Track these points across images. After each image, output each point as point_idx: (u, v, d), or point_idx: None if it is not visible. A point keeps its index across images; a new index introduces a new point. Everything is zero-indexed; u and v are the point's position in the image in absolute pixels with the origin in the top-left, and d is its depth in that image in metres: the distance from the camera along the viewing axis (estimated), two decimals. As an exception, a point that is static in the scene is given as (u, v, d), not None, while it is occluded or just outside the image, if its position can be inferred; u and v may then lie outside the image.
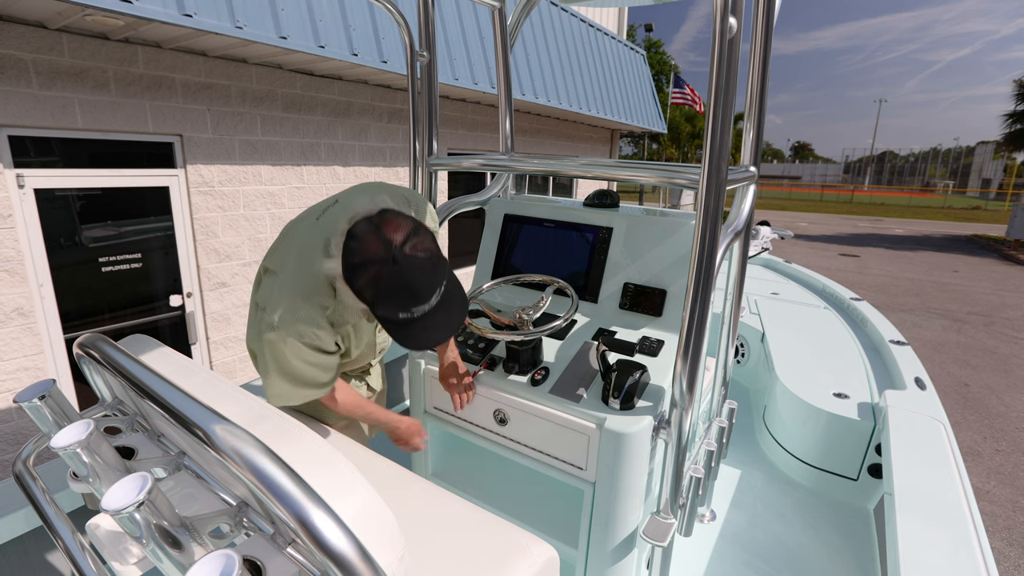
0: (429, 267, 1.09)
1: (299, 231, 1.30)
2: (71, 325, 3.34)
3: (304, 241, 1.26)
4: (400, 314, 1.08)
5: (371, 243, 1.06)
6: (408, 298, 1.07)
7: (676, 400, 1.16)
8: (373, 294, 1.07)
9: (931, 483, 1.35)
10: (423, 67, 1.68)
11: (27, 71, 2.94)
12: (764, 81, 1.32)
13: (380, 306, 1.08)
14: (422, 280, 1.07)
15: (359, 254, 1.07)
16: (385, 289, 1.06)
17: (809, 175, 67.71)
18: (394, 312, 1.08)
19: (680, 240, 1.48)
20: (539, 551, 1.04)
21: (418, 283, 1.07)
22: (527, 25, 6.02)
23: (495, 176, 2.00)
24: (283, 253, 1.27)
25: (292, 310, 1.19)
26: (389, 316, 1.09)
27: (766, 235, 3.31)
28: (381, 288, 1.06)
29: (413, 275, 1.06)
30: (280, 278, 1.23)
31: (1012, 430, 4.57)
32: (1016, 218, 14.74)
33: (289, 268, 1.23)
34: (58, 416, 0.87)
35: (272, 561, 0.63)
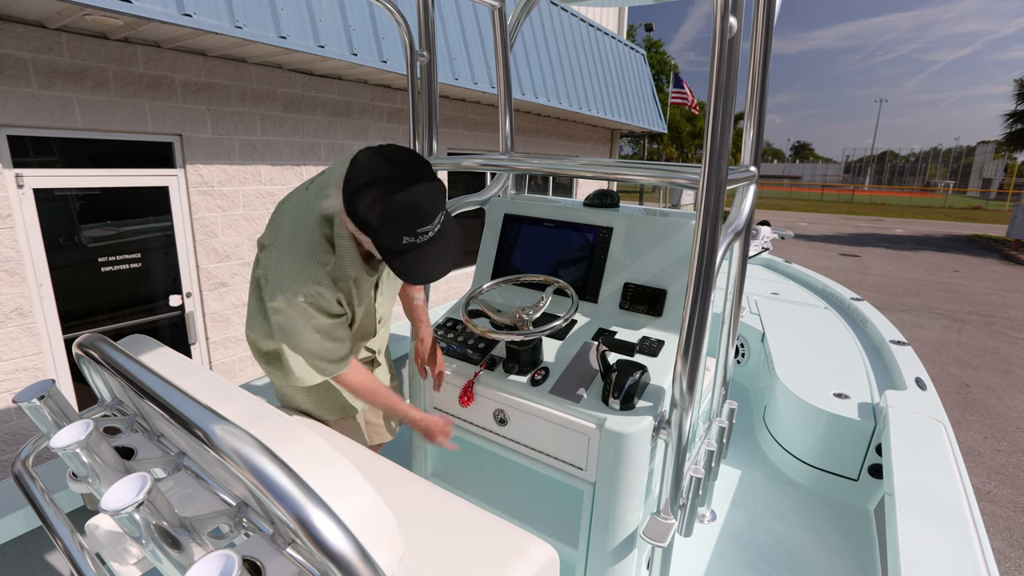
0: (433, 187, 1.09)
1: (290, 204, 1.31)
2: (70, 325, 3.34)
3: (295, 210, 1.27)
4: (404, 238, 1.07)
5: (376, 163, 1.07)
6: (413, 219, 1.06)
7: (676, 400, 1.16)
8: (378, 216, 1.06)
9: (931, 483, 1.35)
10: (423, 67, 1.68)
11: (26, 71, 2.94)
12: (764, 81, 1.32)
13: (385, 230, 1.07)
14: (427, 198, 1.07)
15: (364, 175, 1.06)
16: (391, 209, 1.05)
17: (809, 175, 67.72)
18: (398, 236, 1.07)
19: (680, 240, 1.48)
20: (539, 551, 1.04)
21: (423, 201, 1.06)
22: (527, 25, 6.02)
23: (495, 176, 2.00)
24: (275, 226, 1.28)
25: (293, 272, 1.19)
26: (393, 243, 1.08)
27: (766, 235, 3.31)
28: (387, 208, 1.05)
29: (419, 193, 1.06)
30: (276, 247, 1.23)
31: (1013, 430, 4.57)
32: (1016, 218, 14.74)
33: (284, 235, 1.24)
34: (57, 416, 0.87)
35: (272, 561, 0.63)
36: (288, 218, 1.27)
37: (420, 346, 1.58)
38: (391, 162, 1.08)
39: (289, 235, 1.23)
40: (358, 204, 1.08)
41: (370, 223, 1.08)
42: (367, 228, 1.09)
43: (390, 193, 1.05)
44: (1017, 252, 13.99)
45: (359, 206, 1.07)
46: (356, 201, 1.08)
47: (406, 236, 1.07)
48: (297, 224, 1.24)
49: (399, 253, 1.10)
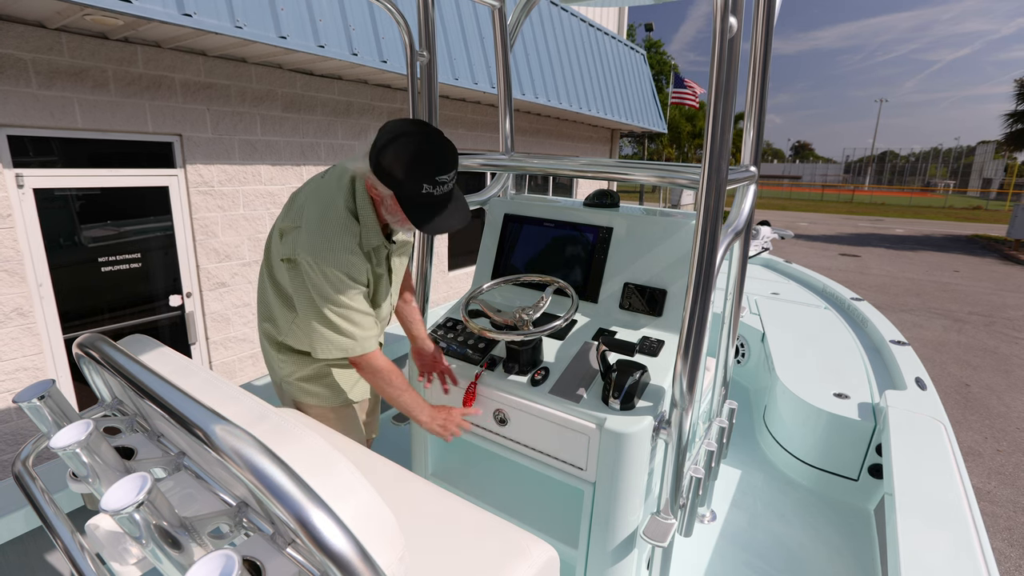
0: (449, 144, 1.27)
1: (308, 189, 1.40)
2: (70, 325, 3.34)
3: (317, 193, 1.36)
4: (424, 186, 1.22)
5: (401, 125, 1.25)
6: (433, 167, 1.22)
7: (676, 400, 1.16)
8: (402, 166, 1.21)
9: (932, 483, 1.35)
10: (423, 67, 1.68)
11: (26, 71, 2.94)
12: (764, 81, 1.32)
13: (408, 179, 1.21)
14: (446, 152, 1.25)
15: (390, 133, 1.23)
16: (413, 157, 1.21)
17: (809, 175, 67.71)
18: (419, 185, 1.22)
19: (680, 240, 1.48)
20: (539, 551, 1.04)
21: (443, 153, 1.24)
22: (527, 25, 6.02)
23: (495, 176, 2.00)
24: (298, 210, 1.36)
25: (327, 245, 1.29)
26: (414, 192, 1.23)
27: (766, 235, 3.31)
28: (411, 156, 1.21)
29: (439, 145, 1.24)
30: (305, 227, 1.32)
31: (1013, 430, 4.57)
32: (1017, 218, 14.74)
33: (312, 215, 1.32)
34: (57, 416, 0.87)
35: (272, 561, 0.63)
36: (312, 201, 1.35)
37: (423, 348, 1.58)
38: (414, 124, 1.26)
39: (318, 214, 1.32)
40: (384, 157, 1.22)
41: (395, 174, 1.22)
42: (391, 180, 1.23)
43: (413, 143, 1.22)
44: (1017, 252, 13.99)
45: (385, 159, 1.22)
46: (383, 155, 1.22)
47: (426, 184, 1.22)
48: (323, 203, 1.34)
49: (419, 203, 1.24)
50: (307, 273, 1.30)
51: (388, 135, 1.23)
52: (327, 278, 1.29)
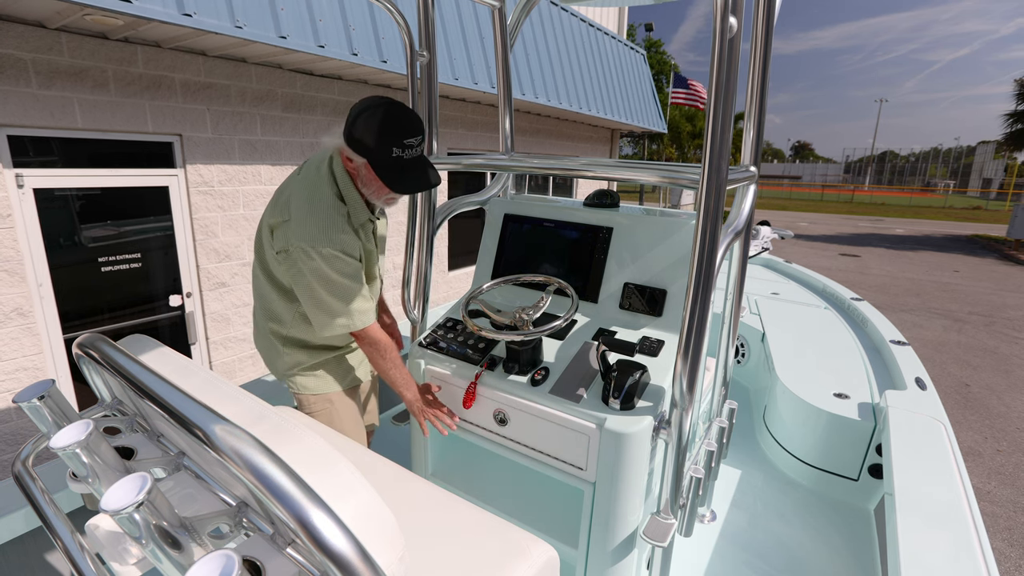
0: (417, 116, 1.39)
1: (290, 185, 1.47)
2: (70, 325, 3.34)
3: (300, 185, 1.44)
4: (394, 150, 1.33)
5: (369, 98, 1.36)
6: (400, 129, 1.33)
7: (676, 400, 1.16)
8: (373, 133, 1.32)
9: (932, 483, 1.35)
10: (423, 67, 1.68)
11: (26, 70, 2.94)
12: (764, 81, 1.32)
13: (378, 144, 1.32)
14: (411, 117, 1.36)
15: (359, 106, 1.34)
16: (382, 123, 1.32)
17: (809, 175, 67.69)
18: (389, 148, 1.32)
19: (680, 240, 1.48)
20: (539, 551, 1.04)
21: (408, 118, 1.35)
22: (527, 25, 6.02)
23: (495, 176, 1.99)
24: (284, 204, 1.43)
25: (319, 228, 1.36)
26: (385, 155, 1.33)
27: (766, 235, 3.31)
28: (379, 123, 1.32)
29: (405, 112, 1.35)
30: (295, 217, 1.38)
31: (1013, 430, 4.57)
32: (1017, 218, 14.73)
33: (300, 205, 1.39)
34: (57, 416, 0.87)
35: (272, 561, 0.63)
36: (297, 192, 1.42)
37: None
38: (380, 97, 1.36)
39: (305, 202, 1.39)
40: (356, 129, 1.33)
41: (366, 141, 1.33)
42: (363, 148, 1.34)
43: (380, 112, 1.32)
44: (1017, 252, 13.99)
45: (356, 130, 1.33)
46: (354, 127, 1.33)
47: (395, 148, 1.33)
48: (308, 192, 1.41)
49: (390, 166, 1.35)
50: (303, 259, 1.36)
51: (357, 109, 1.35)
52: (324, 258, 1.35)
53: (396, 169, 1.36)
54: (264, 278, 1.52)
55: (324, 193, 1.40)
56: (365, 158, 1.35)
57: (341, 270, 1.38)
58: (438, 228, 1.80)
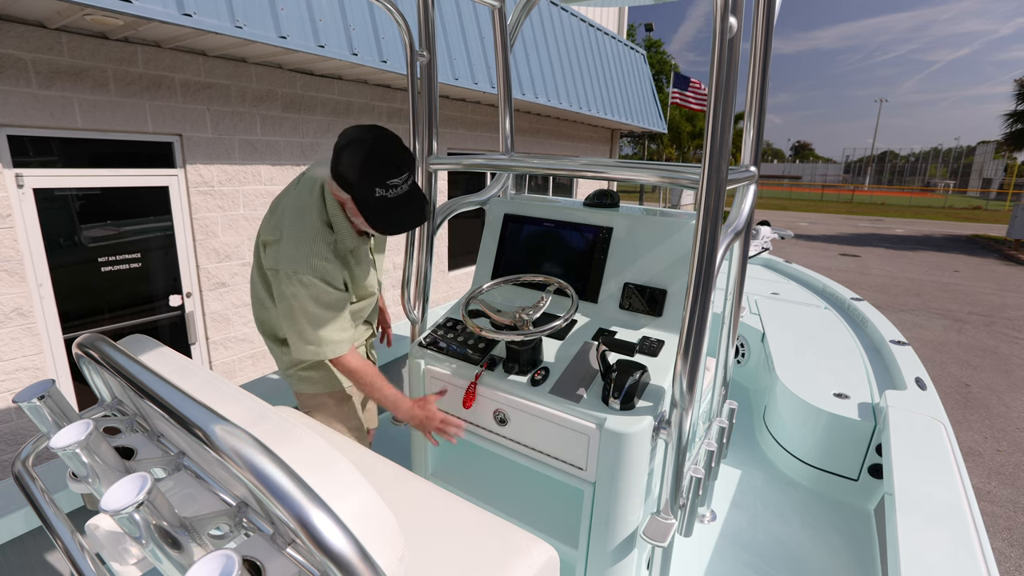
0: (403, 148, 1.35)
1: (286, 201, 1.46)
2: (70, 325, 3.34)
3: (293, 204, 1.43)
4: (376, 190, 1.30)
5: (354, 129, 1.33)
6: (383, 169, 1.30)
7: (676, 400, 1.16)
8: (355, 171, 1.29)
9: (932, 483, 1.35)
10: (423, 67, 1.67)
11: (26, 70, 2.94)
12: (764, 81, 1.32)
13: (359, 184, 1.29)
14: (396, 156, 1.32)
15: (344, 139, 1.32)
16: (364, 161, 1.28)
17: (809, 175, 67.70)
18: (372, 188, 1.30)
19: (680, 240, 1.48)
20: (539, 551, 1.04)
21: (392, 157, 1.31)
22: (527, 25, 6.02)
23: (495, 176, 1.99)
24: (277, 222, 1.43)
25: (303, 255, 1.37)
26: (367, 195, 1.31)
27: (766, 235, 3.31)
28: (362, 161, 1.28)
29: (389, 149, 1.32)
30: (284, 239, 1.39)
31: (1013, 430, 4.57)
32: (1016, 218, 14.73)
33: (288, 227, 1.40)
34: (57, 416, 0.87)
35: (272, 561, 0.63)
36: (289, 212, 1.42)
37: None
38: (367, 129, 1.33)
39: (294, 226, 1.39)
40: (339, 164, 1.30)
41: (349, 179, 1.30)
42: (347, 185, 1.31)
43: (364, 149, 1.30)
44: (1017, 252, 13.98)
45: (340, 165, 1.30)
46: (338, 162, 1.31)
47: (378, 188, 1.30)
48: (299, 215, 1.41)
49: (373, 206, 1.32)
50: (285, 283, 1.37)
51: (342, 142, 1.32)
52: (304, 285, 1.36)
53: (379, 209, 1.33)
54: (261, 283, 1.54)
55: (312, 219, 1.40)
56: (350, 195, 1.33)
57: (318, 298, 1.38)
58: (438, 228, 1.80)
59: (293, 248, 1.37)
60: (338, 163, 1.31)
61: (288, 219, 1.41)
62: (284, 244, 1.38)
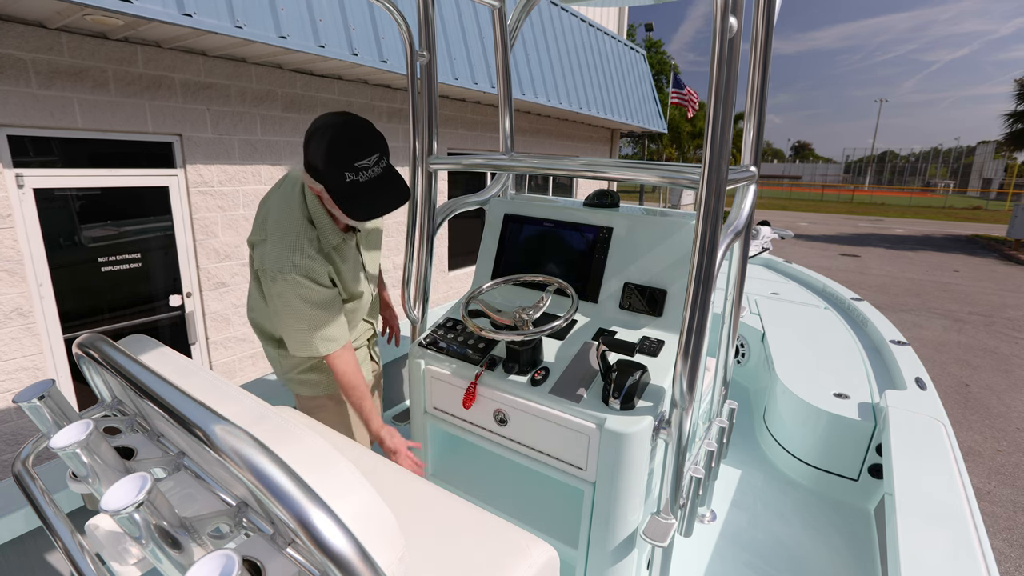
0: (372, 130, 1.30)
1: (271, 202, 1.47)
2: (70, 325, 3.34)
3: (277, 203, 1.44)
4: (347, 175, 1.26)
5: (322, 116, 1.29)
6: (351, 152, 1.25)
7: (676, 400, 1.16)
8: (324, 158, 1.25)
9: (932, 483, 1.35)
10: (423, 67, 1.67)
11: (26, 70, 2.94)
12: (764, 81, 1.32)
13: (329, 169, 1.25)
14: (365, 137, 1.28)
15: (312, 128, 1.28)
16: (329, 147, 1.25)
17: (809, 175, 67.71)
18: (341, 173, 1.25)
19: (680, 240, 1.48)
20: (539, 551, 1.04)
21: (361, 139, 1.27)
22: (527, 25, 6.02)
23: (495, 176, 1.99)
24: (262, 222, 1.44)
25: (286, 253, 1.35)
26: (338, 182, 1.26)
27: (766, 235, 3.31)
28: (327, 147, 1.25)
29: (357, 131, 1.27)
30: (268, 239, 1.39)
31: (1013, 430, 4.56)
32: (1017, 218, 14.73)
33: (272, 228, 1.40)
34: (57, 416, 0.87)
35: (272, 561, 0.63)
36: (273, 212, 1.43)
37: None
38: (334, 115, 1.29)
39: (275, 226, 1.39)
40: (308, 154, 1.29)
41: (318, 166, 1.27)
42: (318, 174, 1.28)
43: (329, 135, 1.26)
44: (1017, 252, 13.98)
45: (309, 155, 1.29)
46: (307, 152, 1.29)
47: (347, 173, 1.26)
48: (281, 214, 1.41)
49: (344, 192, 1.28)
50: (273, 283, 1.37)
51: (310, 131, 1.29)
52: (290, 283, 1.35)
53: (351, 195, 1.29)
54: (255, 285, 1.55)
55: (294, 216, 1.39)
56: (321, 184, 1.30)
57: (305, 296, 1.37)
58: (438, 228, 1.80)
59: (277, 246, 1.36)
60: (308, 153, 1.29)
61: (272, 218, 1.41)
62: (268, 243, 1.38)
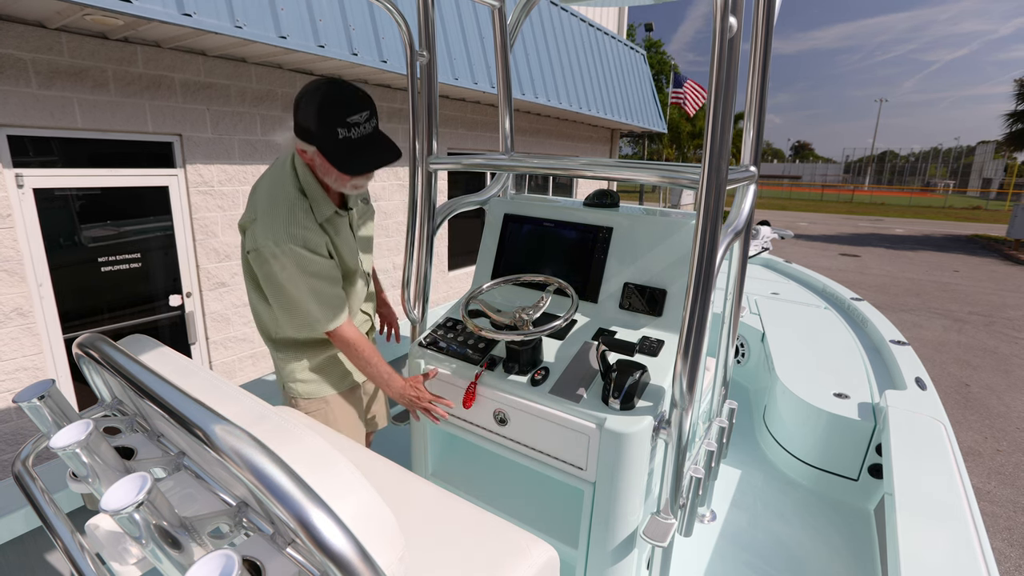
0: (360, 90, 1.32)
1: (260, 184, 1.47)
2: (70, 325, 3.34)
3: (266, 182, 1.44)
4: (339, 131, 1.28)
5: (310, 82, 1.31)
6: (342, 109, 1.28)
7: (676, 400, 1.16)
8: (314, 117, 1.27)
9: (931, 483, 1.35)
10: (423, 67, 1.67)
11: (26, 71, 2.94)
12: (764, 81, 1.32)
13: (321, 129, 1.27)
14: (355, 96, 1.30)
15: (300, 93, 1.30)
16: (321, 105, 1.26)
17: (809, 175, 67.73)
18: (333, 131, 1.28)
19: (680, 240, 1.48)
20: (539, 551, 1.04)
21: (352, 97, 1.30)
22: (527, 25, 6.02)
23: (495, 176, 1.99)
24: (252, 204, 1.43)
25: (280, 227, 1.34)
26: (331, 139, 1.28)
27: (766, 235, 3.31)
28: (319, 106, 1.26)
29: (347, 91, 1.30)
30: (259, 217, 1.37)
31: (1013, 430, 4.57)
32: (1016, 218, 14.74)
33: (263, 206, 1.39)
34: (57, 416, 0.87)
35: (272, 561, 0.63)
36: (262, 191, 1.42)
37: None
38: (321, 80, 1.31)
39: (268, 203, 1.38)
40: (299, 115, 1.30)
41: (310, 127, 1.28)
42: (310, 135, 1.30)
43: (319, 95, 1.27)
44: (1017, 252, 13.99)
45: (300, 118, 1.30)
46: (298, 115, 1.31)
47: (340, 129, 1.28)
48: (271, 189, 1.40)
49: (336, 149, 1.30)
50: (269, 258, 1.35)
51: (299, 96, 1.31)
52: (287, 254, 1.34)
53: (345, 151, 1.31)
54: (249, 279, 1.53)
55: (287, 188, 1.39)
56: (314, 145, 1.31)
57: (305, 268, 1.36)
58: (438, 228, 1.80)
59: (270, 221, 1.34)
60: (298, 116, 1.30)
61: (262, 195, 1.40)
62: (260, 221, 1.36)
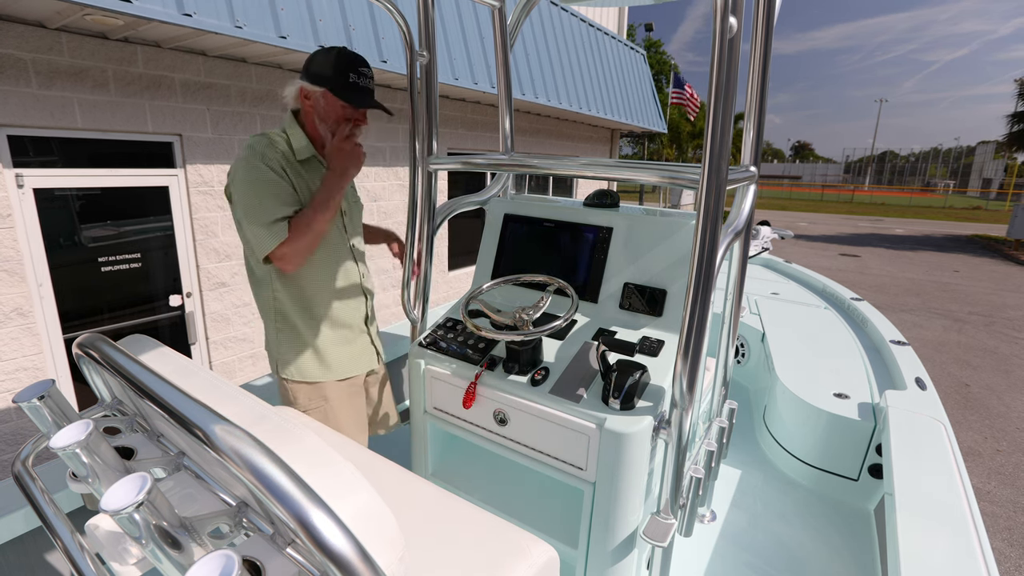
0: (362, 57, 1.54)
1: None
2: (70, 325, 3.34)
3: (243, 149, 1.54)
4: (350, 76, 1.49)
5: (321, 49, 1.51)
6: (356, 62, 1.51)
7: (676, 400, 1.16)
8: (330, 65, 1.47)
9: (932, 483, 1.35)
10: (423, 67, 1.67)
11: (26, 71, 2.94)
12: (764, 81, 1.32)
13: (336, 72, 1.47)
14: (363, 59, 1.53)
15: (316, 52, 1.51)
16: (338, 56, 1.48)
17: (809, 175, 67.76)
18: (346, 75, 1.48)
19: (680, 240, 1.48)
20: (539, 551, 1.04)
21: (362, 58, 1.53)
22: (527, 25, 6.02)
23: (495, 176, 1.99)
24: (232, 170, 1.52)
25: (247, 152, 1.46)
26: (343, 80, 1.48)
27: (766, 235, 3.31)
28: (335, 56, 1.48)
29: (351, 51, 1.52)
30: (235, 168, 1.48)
31: (1013, 430, 4.57)
32: (1017, 218, 14.74)
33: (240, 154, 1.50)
34: (57, 416, 0.87)
35: (272, 561, 0.63)
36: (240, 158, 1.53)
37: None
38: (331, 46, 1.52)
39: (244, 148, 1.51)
40: (313, 63, 1.49)
41: (324, 72, 1.47)
42: (322, 79, 1.48)
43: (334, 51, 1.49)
44: (1017, 252, 13.99)
45: (314, 66, 1.48)
46: (312, 64, 1.49)
47: (351, 74, 1.49)
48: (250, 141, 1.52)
49: (345, 87, 1.49)
50: (237, 189, 1.44)
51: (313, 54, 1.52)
52: (249, 172, 1.43)
53: (354, 90, 1.50)
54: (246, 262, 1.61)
55: (266, 135, 1.53)
56: (324, 87, 1.47)
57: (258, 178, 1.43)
58: (438, 228, 1.80)
59: (241, 158, 1.46)
60: (311, 64, 1.48)
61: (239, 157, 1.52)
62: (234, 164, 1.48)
